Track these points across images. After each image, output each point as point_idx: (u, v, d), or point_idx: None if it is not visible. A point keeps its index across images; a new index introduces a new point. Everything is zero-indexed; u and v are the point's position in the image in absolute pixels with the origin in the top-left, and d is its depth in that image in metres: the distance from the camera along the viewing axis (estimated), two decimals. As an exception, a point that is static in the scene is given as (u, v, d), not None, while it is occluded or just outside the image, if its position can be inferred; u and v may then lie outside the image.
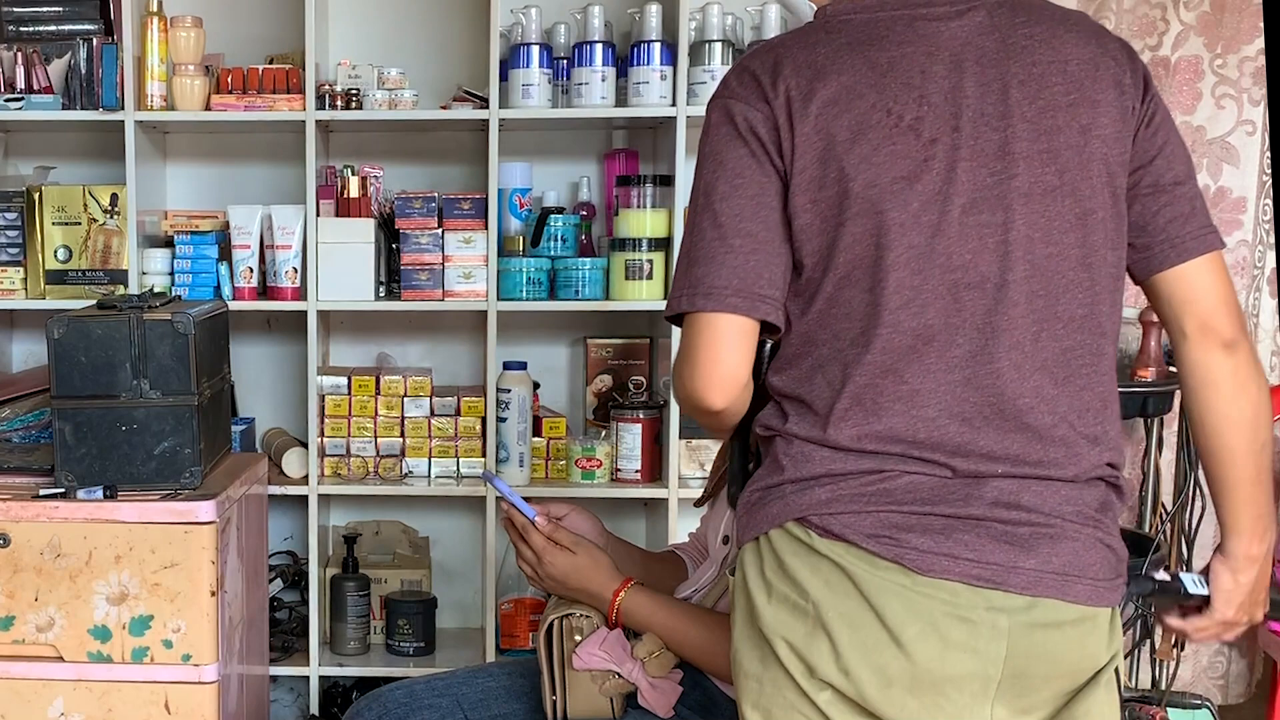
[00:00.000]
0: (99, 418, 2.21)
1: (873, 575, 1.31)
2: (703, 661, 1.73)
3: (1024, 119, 1.33)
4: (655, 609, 1.75)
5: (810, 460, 1.36)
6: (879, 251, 1.33)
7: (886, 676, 1.31)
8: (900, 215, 1.32)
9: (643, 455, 2.84)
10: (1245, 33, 2.86)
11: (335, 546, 3.04)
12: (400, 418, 2.88)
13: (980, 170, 1.32)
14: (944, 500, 1.32)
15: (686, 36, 2.73)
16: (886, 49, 1.35)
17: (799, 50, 1.38)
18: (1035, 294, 1.33)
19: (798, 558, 1.35)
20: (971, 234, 1.32)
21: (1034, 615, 1.30)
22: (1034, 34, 1.35)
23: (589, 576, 1.78)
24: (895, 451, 1.33)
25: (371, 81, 2.83)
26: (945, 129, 1.33)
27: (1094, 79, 1.34)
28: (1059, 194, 1.33)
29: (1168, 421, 2.85)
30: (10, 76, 2.87)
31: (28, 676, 2.22)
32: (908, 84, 1.34)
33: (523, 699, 1.90)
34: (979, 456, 1.32)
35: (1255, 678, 3.05)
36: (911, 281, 1.32)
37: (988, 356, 1.32)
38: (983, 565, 1.29)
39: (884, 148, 1.33)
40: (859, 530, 1.32)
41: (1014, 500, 1.31)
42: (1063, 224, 1.33)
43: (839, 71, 1.35)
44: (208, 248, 2.84)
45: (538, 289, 2.83)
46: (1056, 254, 1.33)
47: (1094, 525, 1.34)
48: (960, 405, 1.32)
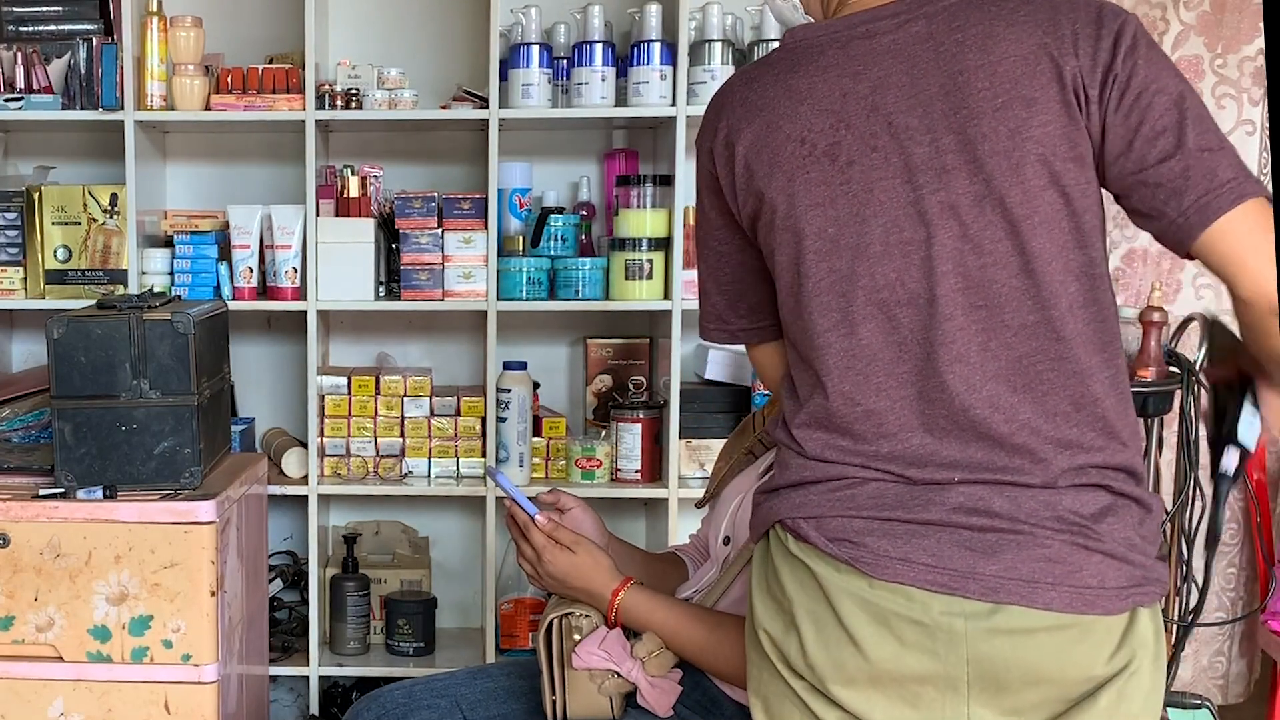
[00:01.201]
0: (99, 418, 2.21)
1: (834, 577, 1.34)
2: (702, 661, 1.72)
3: (948, 130, 1.30)
4: (655, 608, 1.75)
5: (789, 467, 1.42)
6: (800, 278, 1.37)
7: (846, 673, 1.34)
8: (816, 242, 1.35)
9: (643, 455, 2.84)
10: (1245, 33, 2.86)
11: (335, 546, 3.04)
12: (400, 418, 2.88)
13: (902, 187, 1.32)
14: (904, 506, 1.33)
15: (686, 36, 2.73)
16: (809, 74, 1.36)
17: (741, 86, 1.44)
18: (974, 305, 1.31)
19: (780, 557, 1.40)
20: (895, 252, 1.33)
21: (995, 621, 1.29)
22: (965, 38, 1.30)
23: (589, 575, 1.78)
24: (855, 462, 1.36)
25: (371, 81, 2.83)
26: (863, 149, 1.33)
27: (1030, 75, 1.28)
28: (987, 203, 1.30)
29: (1168, 421, 2.85)
30: (10, 76, 2.87)
31: (28, 676, 2.22)
32: (826, 109, 1.35)
33: (521, 699, 1.90)
34: (938, 465, 1.33)
35: (1254, 677, 3.05)
36: (836, 304, 1.35)
37: (932, 370, 1.33)
38: (939, 570, 1.30)
39: (799, 176, 1.36)
40: (822, 534, 1.36)
41: (981, 506, 1.31)
42: (994, 233, 1.30)
43: (762, 107, 1.39)
44: (207, 248, 2.84)
45: (538, 289, 2.83)
46: (991, 263, 1.30)
47: (1078, 532, 1.30)
48: (920, 418, 1.34)
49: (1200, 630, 2.96)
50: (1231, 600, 3.02)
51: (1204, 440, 2.11)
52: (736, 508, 1.80)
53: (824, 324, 1.36)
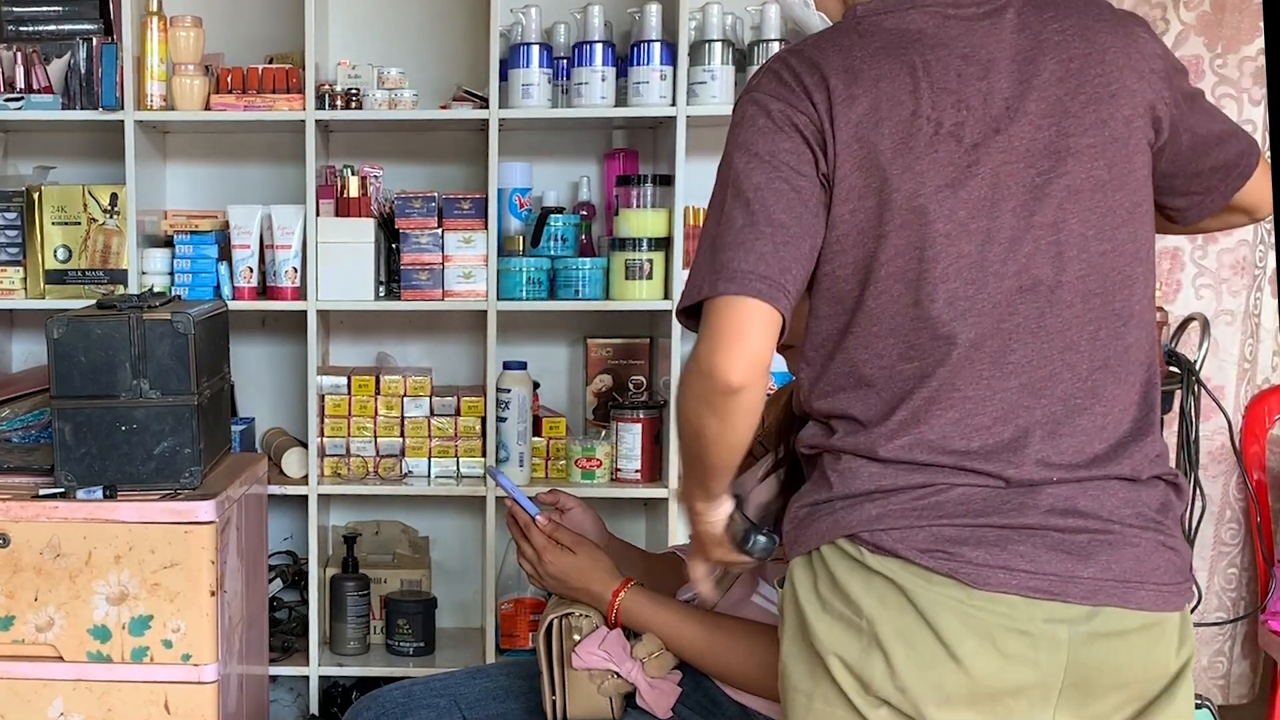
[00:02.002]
0: (99, 418, 2.21)
1: (927, 590, 1.28)
2: (702, 663, 1.72)
3: (1068, 114, 1.30)
4: (655, 610, 1.75)
5: (858, 476, 1.34)
6: (924, 264, 1.30)
7: (944, 692, 1.28)
8: (946, 225, 1.30)
9: (642, 455, 2.84)
10: (1245, 33, 2.86)
11: (335, 546, 3.04)
12: (400, 418, 2.88)
13: (1027, 171, 1.30)
14: (997, 511, 1.29)
15: (686, 36, 2.73)
16: (921, 52, 1.32)
17: (834, 54, 1.35)
18: (1091, 293, 1.31)
19: (851, 574, 1.32)
20: (1025, 237, 1.30)
21: (1095, 625, 1.28)
22: (1065, 28, 1.33)
23: (589, 576, 1.78)
24: (947, 463, 1.30)
25: (371, 81, 2.83)
26: (986, 132, 1.30)
27: (1130, 67, 1.32)
28: (1109, 188, 1.31)
29: (1168, 421, 2.85)
30: (10, 76, 2.87)
31: (28, 676, 2.22)
32: (945, 88, 1.31)
33: (520, 699, 1.90)
34: (1034, 464, 1.30)
35: (1258, 678, 3.05)
36: (965, 292, 1.30)
37: (1043, 359, 1.30)
38: (1040, 576, 1.27)
39: (926, 156, 1.30)
40: (912, 545, 1.29)
41: (1070, 506, 1.29)
42: (1115, 219, 1.31)
43: (877, 77, 1.32)
44: (207, 247, 2.84)
45: (538, 289, 2.83)
46: (1111, 250, 1.31)
47: (1155, 528, 1.31)
48: (1015, 411, 1.30)
49: (1200, 630, 2.96)
50: (1232, 600, 3.02)
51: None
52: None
53: (949, 313, 1.30)
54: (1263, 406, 2.94)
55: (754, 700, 1.71)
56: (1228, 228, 1.53)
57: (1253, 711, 3.01)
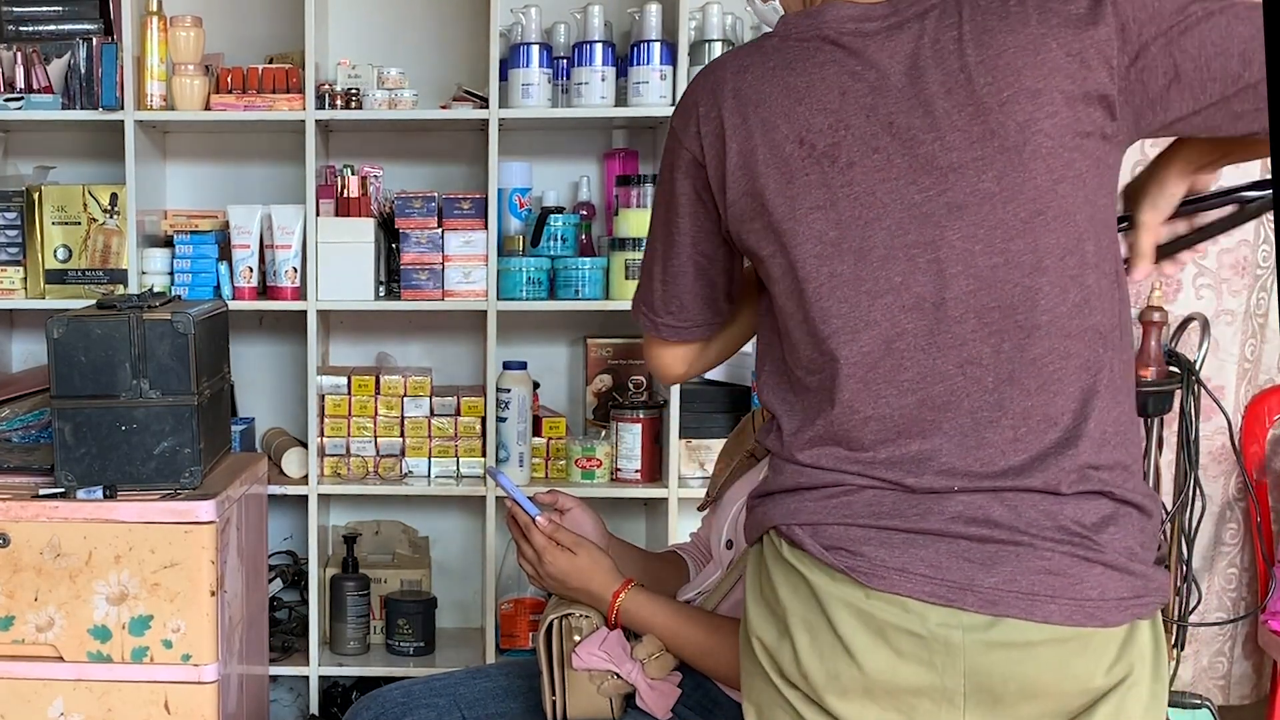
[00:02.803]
0: (99, 418, 2.21)
1: (828, 586, 1.31)
2: (702, 664, 1.72)
3: (953, 128, 1.26)
4: (655, 611, 1.75)
5: (783, 473, 1.39)
6: (800, 284, 1.33)
7: (841, 683, 1.31)
8: (817, 246, 1.31)
9: (643, 455, 2.84)
10: (1245, 32, 2.85)
11: (335, 546, 3.04)
12: (400, 418, 2.88)
13: (908, 188, 1.28)
14: (901, 514, 1.30)
15: (686, 36, 2.73)
16: (806, 72, 1.32)
17: (733, 75, 1.38)
18: (986, 307, 1.27)
19: (774, 564, 1.38)
20: (899, 255, 1.29)
21: (993, 634, 1.26)
22: (963, 34, 1.27)
23: (589, 577, 1.78)
24: (853, 470, 1.33)
25: (371, 81, 2.83)
26: (864, 151, 1.29)
27: (1031, 66, 1.24)
28: (998, 200, 1.26)
29: (1168, 421, 2.85)
30: (10, 76, 2.87)
31: (28, 676, 2.22)
32: (825, 108, 1.31)
33: (519, 698, 1.90)
34: (936, 473, 1.29)
35: (1262, 679, 3.04)
36: (840, 310, 1.31)
37: (939, 375, 1.29)
38: (937, 582, 1.27)
39: (798, 179, 1.32)
40: (818, 541, 1.33)
41: (980, 515, 1.28)
42: (1007, 231, 1.26)
43: (758, 102, 1.34)
44: (207, 247, 2.84)
45: (538, 289, 2.83)
46: (1003, 263, 1.27)
47: (1079, 542, 1.27)
48: (918, 426, 1.30)
49: (1201, 630, 2.96)
50: (1232, 600, 3.02)
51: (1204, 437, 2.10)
52: (739, 511, 1.80)
53: (825, 330, 1.32)
54: (1263, 406, 2.94)
55: (754, 701, 1.71)
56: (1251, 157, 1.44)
57: (1252, 711, 3.01)
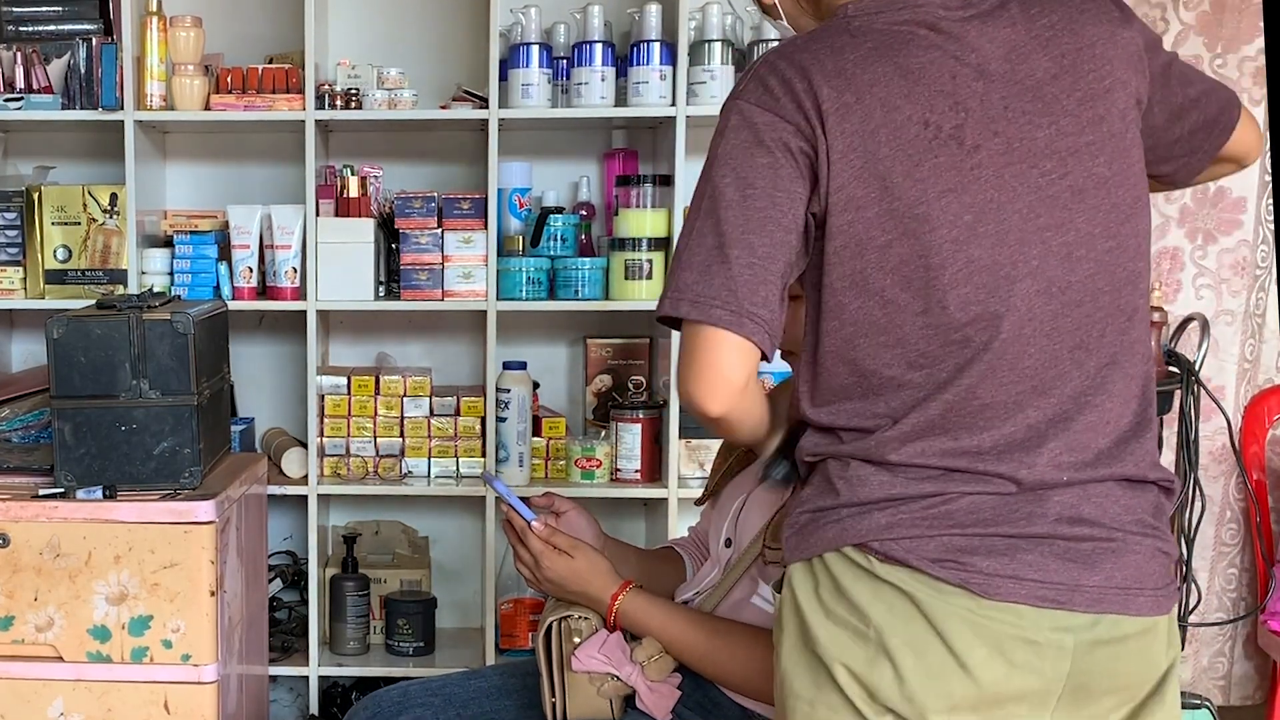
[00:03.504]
0: (98, 418, 2.21)
1: (937, 600, 1.28)
2: (701, 667, 1.72)
3: (1065, 112, 1.29)
4: (654, 613, 1.75)
5: (867, 484, 1.33)
6: (932, 271, 1.28)
7: (951, 700, 1.29)
8: (953, 230, 1.28)
9: (642, 455, 2.84)
10: (1245, 33, 2.86)
11: (335, 546, 3.04)
12: (400, 418, 2.88)
13: (1030, 172, 1.29)
14: (1006, 520, 1.29)
15: (686, 36, 2.73)
16: (914, 54, 1.30)
17: (826, 57, 1.31)
18: (1100, 290, 1.30)
19: (858, 582, 1.31)
20: (1034, 239, 1.28)
21: (1097, 632, 1.29)
22: (1053, 22, 1.31)
23: (587, 580, 1.78)
24: (960, 466, 1.30)
25: (371, 81, 2.83)
26: (986, 134, 1.28)
27: (1118, 57, 1.32)
28: (1111, 185, 1.30)
29: (1168, 421, 2.85)
30: (10, 76, 2.87)
31: (28, 676, 2.22)
32: (941, 90, 1.29)
33: (513, 696, 1.91)
34: (1048, 464, 1.30)
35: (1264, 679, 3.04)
36: (977, 296, 1.28)
37: (1054, 359, 1.30)
38: (1047, 585, 1.28)
39: (927, 161, 1.28)
40: (922, 555, 1.29)
41: (1076, 514, 1.29)
42: (1119, 215, 1.31)
43: (871, 82, 1.29)
44: (207, 248, 2.84)
45: (537, 289, 2.83)
46: (1117, 247, 1.31)
47: (1152, 534, 1.33)
48: (1027, 413, 1.30)
49: (1201, 630, 2.96)
50: (1232, 601, 3.02)
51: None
52: (739, 509, 1.80)
53: (962, 317, 1.29)
54: (1262, 406, 2.94)
55: (754, 703, 1.71)
56: (1215, 178, 1.54)
57: (1252, 712, 3.01)
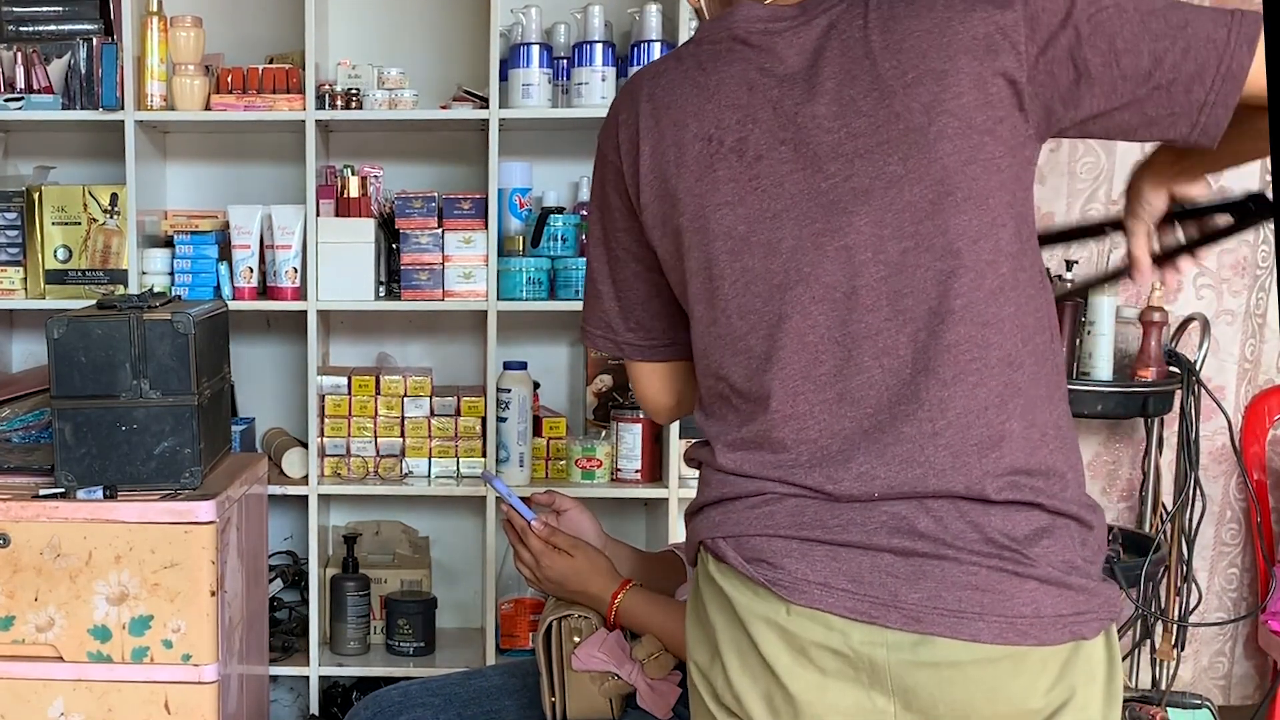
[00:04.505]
0: (99, 418, 2.21)
1: (750, 602, 1.26)
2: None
3: (859, 113, 1.23)
4: (653, 611, 1.75)
5: (709, 484, 1.35)
6: (714, 282, 1.30)
7: (773, 706, 1.26)
8: (727, 242, 1.29)
9: (643, 455, 2.84)
10: (1246, 32, 2.85)
11: (335, 546, 3.04)
12: (400, 418, 2.88)
13: (813, 177, 1.25)
14: (824, 525, 1.24)
15: (686, 36, 2.73)
16: (717, 70, 1.31)
17: (647, 81, 1.38)
18: (899, 293, 1.22)
19: (704, 582, 1.33)
20: (808, 245, 1.25)
21: (921, 654, 1.20)
22: (869, 21, 1.24)
23: (587, 579, 1.79)
24: (773, 476, 1.27)
25: (371, 81, 2.83)
26: (771, 143, 1.27)
27: (938, 48, 1.20)
28: (905, 183, 1.21)
29: (1168, 421, 2.85)
30: (10, 76, 2.87)
31: (28, 676, 2.22)
32: (733, 104, 1.29)
33: (514, 695, 1.91)
34: (855, 477, 1.23)
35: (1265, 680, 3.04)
36: (754, 305, 1.28)
37: (856, 367, 1.24)
38: (859, 597, 1.21)
39: (706, 176, 1.30)
40: (741, 553, 1.28)
41: (906, 526, 1.21)
42: (915, 213, 1.21)
43: (669, 103, 1.33)
44: (208, 248, 2.84)
45: (538, 289, 2.83)
46: (914, 247, 1.22)
47: (1009, 556, 1.19)
48: (837, 422, 1.24)
49: (1201, 630, 2.96)
50: (1233, 600, 3.02)
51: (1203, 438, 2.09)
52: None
53: (741, 327, 1.29)
54: (1263, 406, 2.94)
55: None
56: (1258, 155, 1.26)
57: (1254, 713, 3.01)
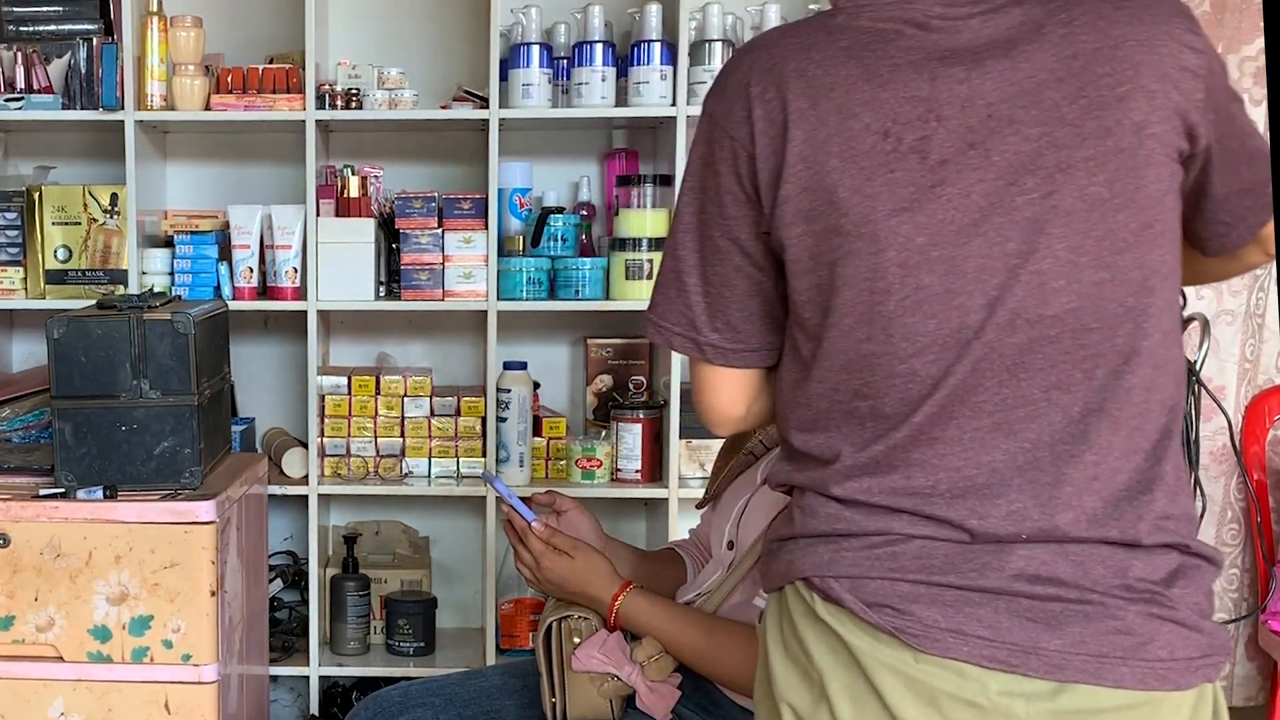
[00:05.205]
0: (99, 418, 2.21)
1: (872, 649, 1.17)
2: (701, 667, 1.72)
3: (1063, 122, 1.12)
4: (654, 613, 1.75)
5: (816, 515, 1.24)
6: (876, 297, 1.17)
7: None
8: (901, 254, 1.15)
9: (643, 455, 2.84)
10: (1245, 33, 2.86)
11: (335, 546, 3.04)
12: (400, 418, 2.88)
13: (1008, 190, 1.13)
14: (957, 569, 1.16)
15: (686, 36, 2.73)
16: (890, 55, 1.17)
17: (794, 55, 1.21)
18: (1085, 327, 1.14)
19: (804, 620, 1.23)
20: (997, 267, 1.14)
21: (1061, 702, 1.14)
22: (1073, 17, 1.14)
23: (587, 580, 1.78)
24: (906, 507, 1.18)
25: (371, 81, 2.83)
26: (959, 146, 1.14)
27: (1150, 63, 1.13)
28: (1109, 207, 1.13)
29: (1168, 421, 2.84)
30: (10, 76, 2.87)
31: (28, 676, 2.22)
32: (913, 96, 1.15)
33: (514, 695, 1.91)
34: (1005, 515, 1.15)
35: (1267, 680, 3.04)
36: (925, 326, 1.16)
37: (1022, 399, 1.15)
38: (997, 645, 1.14)
39: (880, 176, 1.16)
40: (860, 597, 1.18)
41: (1045, 572, 1.15)
42: (1116, 243, 1.13)
43: (831, 86, 1.17)
44: (208, 248, 2.84)
45: (538, 289, 2.83)
46: (1110, 279, 1.14)
47: (1150, 600, 1.15)
48: (988, 453, 1.16)
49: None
50: (1234, 601, 3.02)
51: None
52: (740, 511, 1.80)
53: (907, 349, 1.16)
54: (1263, 406, 2.94)
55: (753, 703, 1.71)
56: (1245, 270, 1.34)
57: (1253, 713, 3.00)
